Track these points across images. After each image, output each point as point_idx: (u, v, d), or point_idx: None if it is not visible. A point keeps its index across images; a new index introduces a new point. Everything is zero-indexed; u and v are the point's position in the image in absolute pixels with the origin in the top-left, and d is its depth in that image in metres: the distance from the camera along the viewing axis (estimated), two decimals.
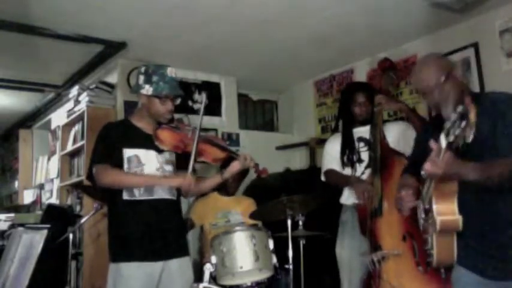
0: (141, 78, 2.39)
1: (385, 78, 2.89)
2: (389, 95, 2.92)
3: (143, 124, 2.44)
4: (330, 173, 3.17)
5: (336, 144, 3.16)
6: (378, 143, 2.75)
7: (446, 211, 1.79)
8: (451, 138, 1.55)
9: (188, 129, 2.48)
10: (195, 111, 4.66)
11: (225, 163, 2.61)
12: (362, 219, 2.81)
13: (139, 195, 2.34)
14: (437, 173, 1.67)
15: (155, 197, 2.37)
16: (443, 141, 1.58)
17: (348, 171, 3.08)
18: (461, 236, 1.83)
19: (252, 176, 4.47)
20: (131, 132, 2.42)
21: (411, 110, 2.98)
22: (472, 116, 1.51)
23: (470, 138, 1.57)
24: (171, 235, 2.42)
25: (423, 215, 1.93)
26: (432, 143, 1.65)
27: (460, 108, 1.52)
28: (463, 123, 1.50)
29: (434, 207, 1.80)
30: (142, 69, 2.42)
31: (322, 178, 3.25)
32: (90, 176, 2.40)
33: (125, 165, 2.35)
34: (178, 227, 2.51)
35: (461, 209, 1.79)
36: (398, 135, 2.93)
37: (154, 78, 2.36)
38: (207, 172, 3.97)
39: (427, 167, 1.66)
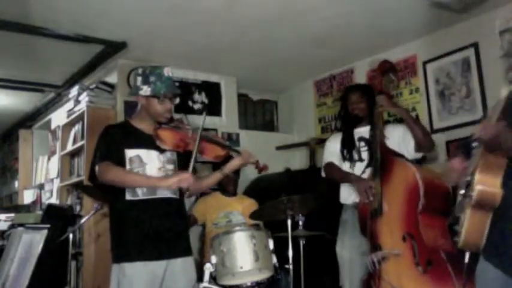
0: (139, 79, 2.41)
1: (385, 80, 2.90)
2: (390, 96, 2.93)
3: (144, 125, 2.45)
4: (330, 166, 3.17)
5: (337, 142, 3.19)
6: (378, 144, 2.76)
7: (487, 182, 1.68)
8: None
9: (188, 128, 2.48)
10: (195, 111, 4.68)
11: (224, 161, 2.62)
12: (362, 218, 2.81)
13: (142, 194, 2.35)
14: (487, 136, 1.61)
15: (158, 196, 2.37)
16: (503, 91, 1.54)
17: (347, 165, 3.10)
18: (493, 225, 1.72)
19: (252, 176, 4.49)
20: (132, 134, 2.43)
21: (410, 116, 2.98)
22: None
23: None
24: (175, 234, 2.42)
25: (463, 191, 1.83)
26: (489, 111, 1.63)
27: None
28: None
29: (477, 176, 1.69)
30: (140, 71, 2.44)
31: (322, 173, 3.26)
32: (91, 176, 2.41)
33: (127, 166, 2.35)
34: (181, 226, 2.51)
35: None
36: (398, 138, 2.95)
37: (152, 79, 2.37)
38: (201, 173, 3.98)
39: (478, 129, 1.62)
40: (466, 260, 1.87)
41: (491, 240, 1.74)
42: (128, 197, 2.34)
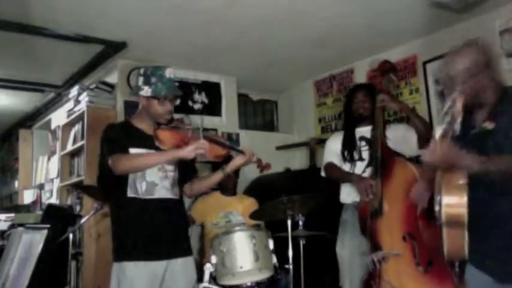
0: (140, 80, 2.41)
1: (385, 80, 2.91)
2: (390, 95, 2.93)
3: (144, 125, 2.45)
4: (331, 166, 3.18)
5: (337, 142, 3.19)
6: (378, 144, 2.76)
7: (452, 203, 1.72)
8: (443, 126, 1.58)
9: (188, 128, 2.47)
10: (195, 111, 4.68)
11: (224, 160, 2.62)
12: (362, 218, 2.81)
13: (142, 195, 2.35)
14: (433, 161, 1.67)
15: (156, 196, 2.37)
16: (438, 130, 1.60)
17: (347, 166, 3.10)
18: (472, 233, 1.75)
19: (252, 176, 4.49)
20: (132, 133, 2.43)
21: (411, 111, 3.01)
22: (459, 104, 1.53)
23: (458, 125, 1.58)
24: (175, 234, 2.43)
25: (437, 207, 1.86)
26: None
27: (454, 94, 1.55)
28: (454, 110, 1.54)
29: (442, 198, 1.74)
30: (141, 71, 2.43)
31: (322, 173, 3.26)
32: (100, 176, 2.42)
33: None
34: (181, 226, 2.51)
35: (471, 205, 1.72)
36: (400, 137, 2.96)
37: (153, 80, 2.37)
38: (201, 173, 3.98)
39: (425, 156, 1.66)
40: (456, 269, 1.97)
41: (475, 246, 1.77)
42: (130, 194, 2.34)
